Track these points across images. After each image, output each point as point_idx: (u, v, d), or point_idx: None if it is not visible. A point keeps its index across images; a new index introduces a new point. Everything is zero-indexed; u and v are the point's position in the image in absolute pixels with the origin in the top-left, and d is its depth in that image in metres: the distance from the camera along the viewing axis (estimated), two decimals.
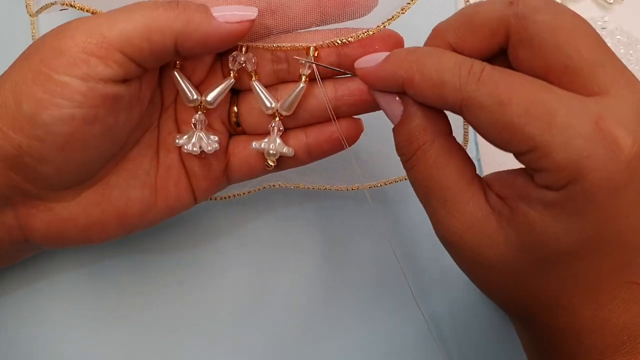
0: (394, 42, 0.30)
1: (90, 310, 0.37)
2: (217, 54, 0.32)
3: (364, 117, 0.33)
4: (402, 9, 0.29)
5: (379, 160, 0.38)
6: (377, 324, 0.38)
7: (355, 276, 0.39)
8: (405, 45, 0.30)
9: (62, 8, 0.30)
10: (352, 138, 0.32)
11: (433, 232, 0.28)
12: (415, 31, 0.31)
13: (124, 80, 0.28)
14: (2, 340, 0.36)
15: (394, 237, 0.39)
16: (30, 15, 0.33)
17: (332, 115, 0.31)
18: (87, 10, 0.30)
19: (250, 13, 0.28)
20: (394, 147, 0.29)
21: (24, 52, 0.28)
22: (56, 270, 0.37)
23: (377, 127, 0.33)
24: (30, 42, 0.37)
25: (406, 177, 0.36)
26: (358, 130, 0.32)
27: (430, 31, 0.28)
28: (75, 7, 0.30)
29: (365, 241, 0.39)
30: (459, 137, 0.37)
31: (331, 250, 0.39)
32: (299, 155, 0.32)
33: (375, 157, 0.38)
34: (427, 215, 0.28)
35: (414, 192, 0.29)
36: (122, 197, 0.31)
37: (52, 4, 0.31)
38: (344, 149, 0.32)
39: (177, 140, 0.31)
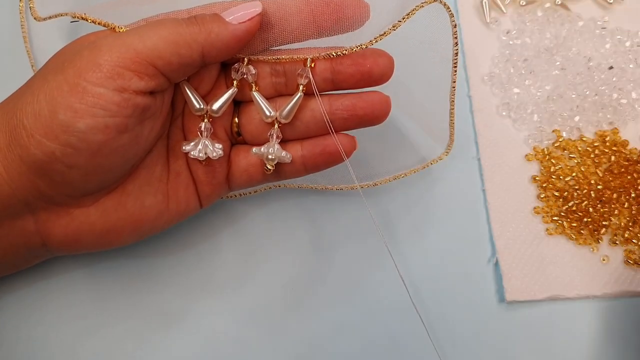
0: (384, 61, 0.32)
1: (90, 309, 0.37)
2: (221, 67, 0.33)
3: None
4: (394, 26, 0.30)
5: (373, 162, 0.40)
6: (370, 325, 0.38)
7: (348, 268, 0.39)
8: (395, 62, 0.32)
9: (73, 20, 0.31)
10: (346, 153, 0.33)
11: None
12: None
13: (152, 92, 0.29)
14: (2, 340, 0.36)
15: (387, 231, 0.40)
16: (35, 18, 0.34)
17: (329, 123, 0.32)
18: (99, 23, 0.31)
19: (257, 8, 0.30)
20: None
21: (54, 63, 0.30)
22: (56, 269, 0.38)
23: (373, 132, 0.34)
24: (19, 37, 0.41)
25: (396, 177, 0.38)
26: (352, 146, 0.34)
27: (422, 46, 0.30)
28: (87, 20, 0.31)
29: (357, 235, 0.40)
30: (445, 131, 0.38)
31: (325, 244, 0.40)
32: (296, 164, 0.34)
33: (369, 160, 0.39)
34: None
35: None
36: (137, 203, 0.32)
37: (62, 14, 0.32)
38: (337, 163, 0.34)
39: (184, 147, 0.33)
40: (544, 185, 0.41)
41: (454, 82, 0.35)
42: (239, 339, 0.37)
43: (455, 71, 0.34)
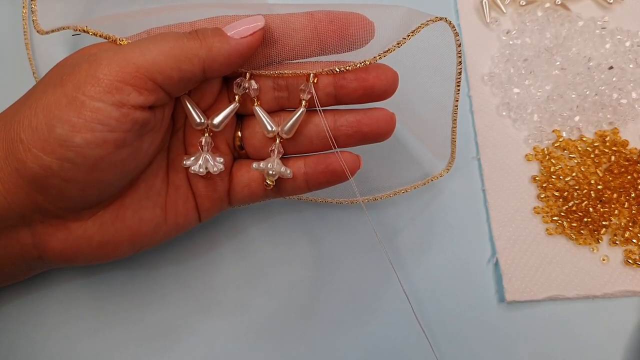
0: (387, 76, 0.31)
1: (90, 315, 0.37)
2: (223, 81, 0.33)
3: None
4: (398, 43, 0.30)
5: (373, 176, 0.39)
6: (370, 328, 0.38)
7: (348, 272, 0.39)
8: (400, 78, 0.32)
9: (75, 33, 0.31)
10: (350, 172, 0.33)
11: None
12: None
13: (152, 107, 0.29)
14: (2, 344, 0.36)
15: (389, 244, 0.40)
16: (38, 32, 0.34)
17: (331, 139, 0.32)
18: (100, 36, 0.31)
19: (259, 23, 0.30)
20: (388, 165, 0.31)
21: (53, 75, 0.29)
22: (54, 279, 0.38)
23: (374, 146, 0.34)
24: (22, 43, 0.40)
25: (396, 192, 0.38)
26: (356, 165, 0.33)
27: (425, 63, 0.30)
28: (89, 33, 0.31)
29: (356, 240, 0.40)
30: (446, 148, 0.38)
31: (324, 253, 0.40)
32: (298, 181, 0.34)
33: (369, 174, 0.39)
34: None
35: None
36: (135, 216, 0.32)
37: (64, 27, 0.32)
38: (340, 181, 0.34)
39: (184, 162, 0.32)
40: (544, 185, 0.42)
41: (457, 100, 0.34)
42: (238, 353, 0.37)
43: (459, 90, 0.34)
